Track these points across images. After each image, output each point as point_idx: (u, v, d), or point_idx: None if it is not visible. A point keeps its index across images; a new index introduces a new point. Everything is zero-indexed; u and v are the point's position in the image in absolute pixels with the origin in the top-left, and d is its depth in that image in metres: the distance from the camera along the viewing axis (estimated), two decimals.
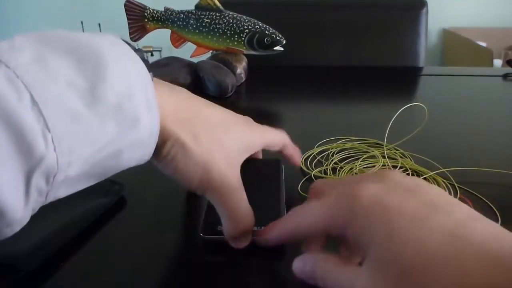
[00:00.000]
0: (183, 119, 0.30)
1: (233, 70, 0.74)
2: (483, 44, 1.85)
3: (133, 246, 0.34)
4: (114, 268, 0.32)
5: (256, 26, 0.72)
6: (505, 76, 0.84)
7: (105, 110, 0.24)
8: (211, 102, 0.35)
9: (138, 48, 0.28)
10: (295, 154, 0.40)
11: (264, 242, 0.31)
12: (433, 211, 0.23)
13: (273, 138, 0.38)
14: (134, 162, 0.28)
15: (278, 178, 0.40)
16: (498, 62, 1.88)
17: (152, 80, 0.28)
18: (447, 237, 0.22)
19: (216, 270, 0.31)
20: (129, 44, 0.28)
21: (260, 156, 0.40)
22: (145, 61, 0.28)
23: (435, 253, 0.21)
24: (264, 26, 0.72)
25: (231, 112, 0.36)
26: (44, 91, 0.22)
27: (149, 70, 0.28)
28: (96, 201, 0.37)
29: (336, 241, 0.28)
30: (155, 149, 0.29)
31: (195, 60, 0.74)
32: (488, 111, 0.65)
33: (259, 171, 0.41)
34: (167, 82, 0.32)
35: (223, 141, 0.32)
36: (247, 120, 0.37)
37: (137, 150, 0.27)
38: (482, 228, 0.22)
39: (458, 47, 2.03)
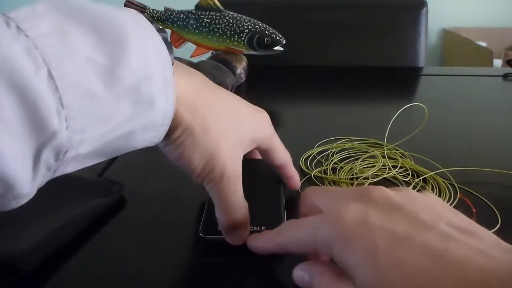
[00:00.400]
0: (197, 106, 0.30)
1: (233, 70, 0.74)
2: (483, 44, 1.85)
3: (133, 246, 0.34)
4: (114, 268, 0.32)
5: (256, 26, 0.72)
6: (505, 76, 0.84)
7: (122, 90, 0.23)
8: (228, 91, 0.35)
9: (161, 28, 0.27)
10: (295, 176, 0.39)
11: (254, 249, 0.31)
12: (416, 228, 0.23)
13: (279, 146, 0.37)
14: (144, 144, 0.28)
15: (278, 179, 0.40)
16: (498, 62, 1.88)
17: (173, 63, 0.27)
18: (430, 258, 0.22)
19: (216, 270, 0.31)
20: (151, 23, 0.27)
21: (259, 156, 0.40)
22: (167, 42, 0.27)
23: (418, 277, 0.21)
24: (264, 26, 0.72)
25: (247, 103, 0.35)
26: (62, 66, 0.21)
27: (170, 52, 0.27)
28: (96, 201, 0.37)
29: None
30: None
31: (195, 60, 0.74)
32: (488, 111, 0.65)
33: (259, 171, 0.41)
34: (186, 65, 0.31)
35: (231, 133, 0.32)
36: (262, 115, 0.36)
37: (149, 132, 0.27)
38: (467, 242, 0.22)
39: (458, 47, 2.03)
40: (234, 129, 0.32)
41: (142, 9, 0.74)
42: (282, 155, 0.37)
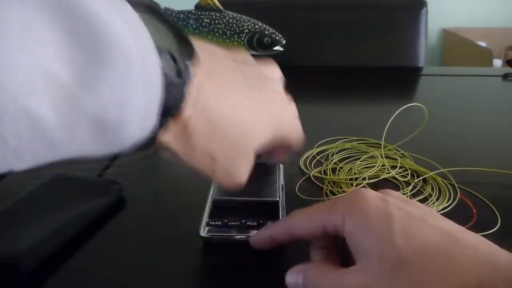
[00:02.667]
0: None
1: None
2: (483, 44, 1.85)
3: (133, 246, 0.34)
4: (114, 268, 0.32)
5: (256, 26, 0.72)
6: (505, 76, 0.84)
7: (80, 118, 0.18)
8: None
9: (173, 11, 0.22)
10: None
11: (259, 238, 0.31)
12: (430, 215, 0.25)
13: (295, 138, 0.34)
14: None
15: (277, 179, 0.40)
16: (498, 62, 1.88)
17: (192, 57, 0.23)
18: (442, 236, 0.23)
19: (216, 270, 0.31)
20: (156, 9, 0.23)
21: None
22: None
23: (429, 250, 0.22)
24: (264, 26, 0.72)
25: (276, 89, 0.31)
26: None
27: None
28: (96, 201, 0.37)
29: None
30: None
31: None
32: (488, 111, 0.65)
33: (258, 171, 0.41)
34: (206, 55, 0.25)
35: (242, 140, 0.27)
36: (285, 104, 0.32)
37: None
38: (472, 234, 0.24)
39: (458, 47, 2.03)
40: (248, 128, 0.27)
41: None
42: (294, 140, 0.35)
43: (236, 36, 0.72)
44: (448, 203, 0.39)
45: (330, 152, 0.49)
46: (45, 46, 0.16)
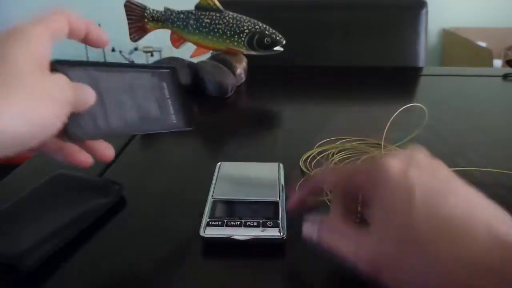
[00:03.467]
0: None
1: (233, 70, 0.74)
2: (483, 44, 1.85)
3: (133, 246, 0.34)
4: (114, 268, 0.32)
5: (256, 26, 0.72)
6: (505, 76, 0.84)
7: None
8: None
9: None
10: (100, 33, 0.31)
11: (296, 201, 0.32)
12: (449, 189, 0.25)
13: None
14: None
15: (277, 179, 0.40)
16: (498, 62, 1.87)
17: None
18: (461, 213, 0.23)
19: (216, 270, 0.31)
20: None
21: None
22: None
23: (447, 228, 0.23)
24: (264, 26, 0.72)
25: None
26: None
27: None
28: (96, 201, 0.37)
29: None
30: None
31: (195, 60, 0.74)
32: (488, 111, 0.65)
33: (259, 172, 0.41)
34: None
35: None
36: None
37: None
38: (491, 213, 0.24)
39: (458, 47, 2.03)
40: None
41: (142, 9, 0.74)
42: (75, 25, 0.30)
43: (236, 36, 0.72)
44: None
45: (330, 152, 0.49)
46: None
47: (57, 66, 0.27)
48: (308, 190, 0.32)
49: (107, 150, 0.32)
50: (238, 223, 0.33)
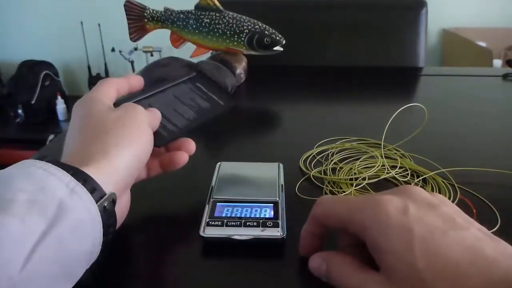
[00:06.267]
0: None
1: (233, 70, 0.74)
2: (483, 44, 1.85)
3: (132, 246, 0.34)
4: (113, 268, 0.32)
5: (256, 26, 0.72)
6: (505, 76, 0.84)
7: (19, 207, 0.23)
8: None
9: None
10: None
11: (306, 245, 0.31)
12: (451, 226, 0.25)
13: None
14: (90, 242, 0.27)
15: (277, 179, 0.40)
16: (498, 62, 1.87)
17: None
18: (461, 253, 0.23)
19: (216, 270, 0.31)
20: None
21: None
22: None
23: (448, 269, 0.23)
24: (264, 26, 0.72)
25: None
26: None
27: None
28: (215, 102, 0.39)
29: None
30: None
31: (195, 60, 0.74)
32: (488, 111, 0.65)
33: (259, 172, 0.41)
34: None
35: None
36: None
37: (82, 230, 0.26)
38: (495, 246, 0.24)
39: (458, 47, 2.03)
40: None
41: (142, 9, 0.74)
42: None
43: (236, 36, 0.72)
44: None
45: (330, 152, 0.49)
46: None
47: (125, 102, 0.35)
48: (313, 230, 0.31)
49: (188, 144, 0.38)
50: (238, 223, 0.33)
